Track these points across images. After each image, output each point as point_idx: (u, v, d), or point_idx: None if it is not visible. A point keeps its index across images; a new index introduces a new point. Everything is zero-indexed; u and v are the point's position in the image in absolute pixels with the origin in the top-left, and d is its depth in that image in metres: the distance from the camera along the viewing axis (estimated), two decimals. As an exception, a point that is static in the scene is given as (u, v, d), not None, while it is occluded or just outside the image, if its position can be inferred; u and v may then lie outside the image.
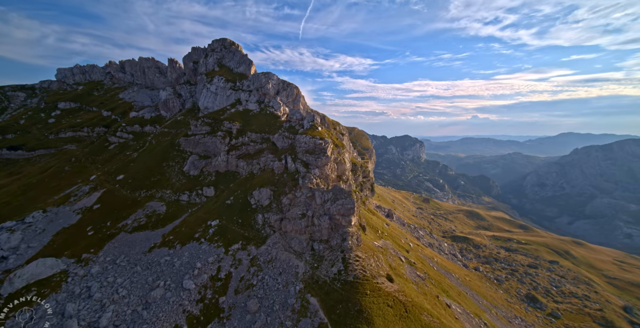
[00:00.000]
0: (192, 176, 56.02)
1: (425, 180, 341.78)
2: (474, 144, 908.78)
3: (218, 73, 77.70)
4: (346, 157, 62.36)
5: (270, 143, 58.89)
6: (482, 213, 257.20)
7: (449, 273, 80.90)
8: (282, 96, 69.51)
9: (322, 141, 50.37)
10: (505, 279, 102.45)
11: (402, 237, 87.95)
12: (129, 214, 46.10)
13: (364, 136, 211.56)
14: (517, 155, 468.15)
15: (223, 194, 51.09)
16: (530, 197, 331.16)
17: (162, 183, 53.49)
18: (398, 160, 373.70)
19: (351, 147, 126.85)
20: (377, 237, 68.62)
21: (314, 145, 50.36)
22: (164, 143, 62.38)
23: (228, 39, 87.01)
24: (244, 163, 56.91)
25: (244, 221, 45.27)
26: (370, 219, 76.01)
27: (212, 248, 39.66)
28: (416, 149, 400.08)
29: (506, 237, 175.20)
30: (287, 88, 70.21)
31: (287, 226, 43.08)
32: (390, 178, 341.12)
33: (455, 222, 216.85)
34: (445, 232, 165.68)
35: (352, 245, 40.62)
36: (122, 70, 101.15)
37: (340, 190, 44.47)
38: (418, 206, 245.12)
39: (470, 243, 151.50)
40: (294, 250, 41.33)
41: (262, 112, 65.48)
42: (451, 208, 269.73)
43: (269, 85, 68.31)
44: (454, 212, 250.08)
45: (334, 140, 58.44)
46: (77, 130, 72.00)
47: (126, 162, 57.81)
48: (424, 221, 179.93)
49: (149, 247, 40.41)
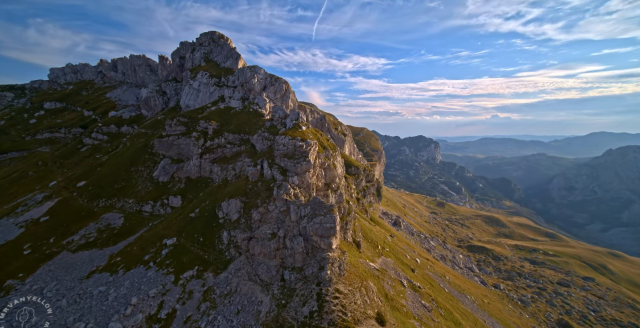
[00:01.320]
0: (161, 183, 49.29)
1: (440, 182, 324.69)
2: (493, 144, 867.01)
3: (203, 68, 71.06)
4: (339, 161, 53.47)
5: (250, 145, 51.12)
6: (503, 218, 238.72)
7: (463, 296, 69.82)
8: (270, 92, 61.59)
9: (303, 143, 41.82)
10: (532, 300, 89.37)
11: (409, 251, 77.62)
12: (78, 228, 39.81)
13: (373, 137, 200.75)
14: (542, 157, 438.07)
15: (190, 205, 43.71)
16: (557, 201, 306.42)
17: (126, 191, 47.06)
18: (411, 161, 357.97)
19: (354, 148, 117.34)
20: (377, 253, 59.08)
21: (293, 147, 41.93)
22: (138, 145, 56.25)
23: (217, 32, 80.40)
24: (219, 168, 49.33)
25: (207, 239, 37.49)
26: (369, 231, 66.51)
27: (159, 276, 32.15)
28: (431, 150, 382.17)
29: (531, 247, 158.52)
30: (275, 83, 62.23)
31: (255, 248, 34.97)
32: (403, 180, 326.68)
33: (473, 228, 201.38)
34: (461, 241, 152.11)
35: (332, 276, 31.80)
36: (114, 68, 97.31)
37: (319, 204, 35.75)
38: (432, 210, 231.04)
39: (489, 255, 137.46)
40: (260, 279, 33.13)
41: (245, 109, 57.98)
42: (468, 213, 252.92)
43: (254, 80, 60.61)
44: (471, 217, 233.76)
45: (323, 142, 49.71)
46: (54, 131, 67.70)
47: (93, 167, 52.06)
48: (437, 228, 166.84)
49: (89, 272, 33.60)
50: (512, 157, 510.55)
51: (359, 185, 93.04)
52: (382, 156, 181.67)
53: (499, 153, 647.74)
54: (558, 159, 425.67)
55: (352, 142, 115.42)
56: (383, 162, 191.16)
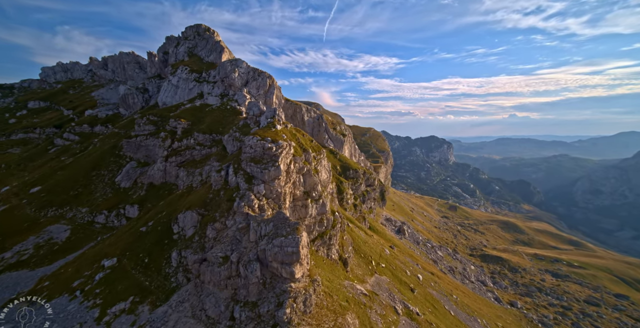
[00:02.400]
0: (122, 189, 43.81)
1: (453, 184, 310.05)
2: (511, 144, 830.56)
3: (186, 63, 65.56)
4: (324, 166, 46.23)
5: (221, 147, 44.74)
6: (521, 224, 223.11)
7: (473, 319, 60.75)
8: (252, 87, 55.13)
9: (273, 145, 34.87)
10: (554, 322, 78.66)
11: (410, 264, 69.11)
12: (15, 243, 34.69)
13: (380, 137, 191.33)
14: (564, 158, 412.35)
15: (146, 216, 37.69)
16: (581, 205, 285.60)
17: (82, 199, 41.87)
18: (423, 162, 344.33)
19: (356, 149, 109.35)
20: (369, 271, 51.28)
21: (262, 150, 35.04)
22: (106, 146, 51.19)
23: (203, 25, 74.81)
24: (185, 173, 43.14)
25: (153, 261, 31.19)
26: (363, 244, 58.71)
27: (81, 310, 26.07)
28: (443, 151, 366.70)
29: (552, 257, 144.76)
30: (258, 78, 55.72)
31: (206, 274, 28.39)
32: (414, 181, 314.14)
33: (487, 234, 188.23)
34: (474, 249, 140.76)
35: (293, 315, 24.65)
36: (105, 67, 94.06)
37: (283, 220, 28.64)
38: (443, 214, 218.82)
39: (504, 265, 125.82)
40: (206, 315, 26.51)
41: (222, 107, 51.78)
42: (482, 217, 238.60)
43: (234, 74, 54.30)
44: (485, 222, 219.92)
45: (304, 143, 42.60)
46: (29, 132, 64.17)
47: (53, 170, 47.35)
48: (447, 234, 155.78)
49: (6, 300, 28.09)
50: (532, 158, 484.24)
51: (358, 190, 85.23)
52: (389, 157, 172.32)
53: (516, 154, 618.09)
54: (582, 160, 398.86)
55: (353, 143, 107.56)
56: (390, 163, 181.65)
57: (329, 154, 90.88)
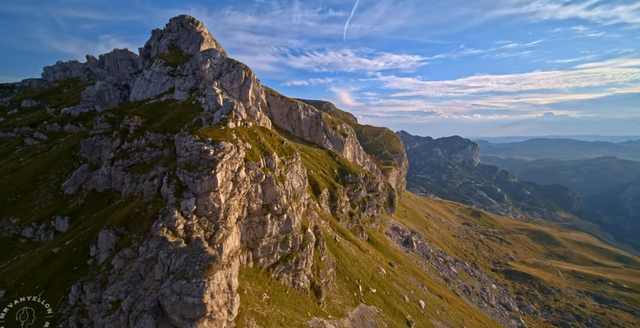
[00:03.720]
0: (65, 196, 38.54)
1: (477, 188, 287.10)
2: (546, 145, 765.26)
3: (163, 56, 60.11)
4: (295, 172, 37.86)
5: (173, 148, 37.92)
6: (556, 234, 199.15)
7: (489, 363, 49.31)
8: (225, 80, 48.04)
9: (211, 147, 27.09)
10: (597, 365, 64.23)
11: (413, 286, 58.48)
12: None
13: (394, 137, 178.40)
14: (610, 160, 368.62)
15: (70, 232, 31.62)
16: (631, 214, 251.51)
17: (17, 207, 37.07)
18: (444, 164, 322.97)
19: (360, 151, 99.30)
20: (353, 300, 42.01)
21: (198, 154, 27.37)
22: (66, 147, 46.68)
23: (187, 16, 69.26)
24: (129, 179, 36.74)
25: (49, 296, 24.61)
26: (352, 263, 49.38)
27: None
28: (467, 152, 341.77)
29: (595, 276, 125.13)
30: (232, 69, 48.52)
31: (98, 321, 21.33)
32: (434, 184, 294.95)
33: (515, 245, 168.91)
34: (497, 263, 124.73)
35: None
36: (101, 65, 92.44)
37: (196, 252, 20.65)
38: (464, 221, 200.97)
39: (534, 284, 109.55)
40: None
41: (188, 102, 45.10)
42: (510, 225, 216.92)
43: (206, 65, 47.51)
44: (513, 230, 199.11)
45: (266, 146, 34.47)
46: (7, 131, 62.15)
47: (3, 173, 43.40)
48: (467, 244, 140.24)
49: None
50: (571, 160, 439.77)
51: (357, 197, 75.65)
52: (403, 159, 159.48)
53: (552, 155, 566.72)
54: (633, 163, 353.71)
55: (357, 144, 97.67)
56: (405, 165, 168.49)
57: (327, 156, 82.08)
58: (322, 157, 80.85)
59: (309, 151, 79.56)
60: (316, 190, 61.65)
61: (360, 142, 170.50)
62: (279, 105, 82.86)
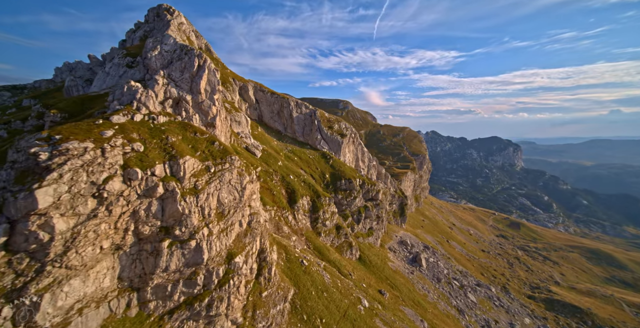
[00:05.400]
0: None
1: (519, 195, 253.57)
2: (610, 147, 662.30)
3: (129, 48, 55.61)
4: (226, 182, 29.24)
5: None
6: (621, 255, 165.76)
7: None
8: (174, 69, 40.92)
9: (45, 150, 19.44)
10: None
11: (404, 324, 46.23)
12: None
13: (416, 138, 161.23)
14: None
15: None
16: None
17: None
18: (480, 167, 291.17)
19: (364, 153, 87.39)
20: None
21: (33, 160, 19.84)
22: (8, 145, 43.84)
23: (164, 5, 64.32)
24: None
25: None
26: (320, 295, 39.10)
27: None
28: (508, 154, 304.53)
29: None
30: (183, 57, 41.20)
31: None
32: (467, 189, 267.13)
33: (563, 265, 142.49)
34: (537, 288, 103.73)
35: None
36: (103, 64, 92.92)
37: None
38: (500, 232, 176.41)
39: (585, 320, 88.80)
40: None
41: (127, 96, 39.20)
42: (559, 240, 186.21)
43: (153, 52, 40.82)
44: (562, 247, 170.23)
45: (175, 147, 26.28)
46: (-7, 131, 63.03)
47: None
48: (498, 262, 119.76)
49: None
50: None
51: (350, 206, 64.76)
52: (424, 162, 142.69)
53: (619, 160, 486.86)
54: None
55: (360, 145, 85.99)
56: (428, 169, 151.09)
57: (320, 159, 72.15)
58: (314, 159, 71.20)
59: (299, 153, 70.45)
60: (292, 199, 52.31)
61: (377, 143, 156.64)
62: (268, 102, 74.98)
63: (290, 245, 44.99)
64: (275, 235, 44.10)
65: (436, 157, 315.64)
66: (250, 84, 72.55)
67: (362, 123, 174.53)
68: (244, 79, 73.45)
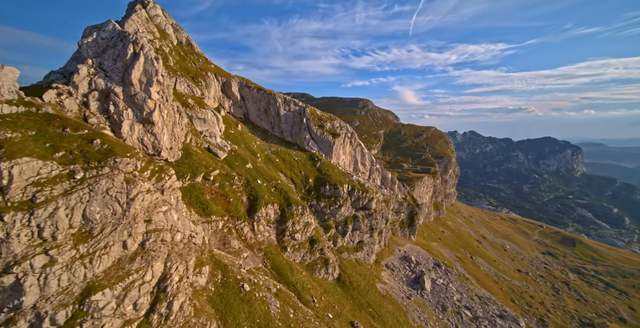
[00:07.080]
0: None
1: (578, 205, 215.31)
2: None
3: (105, 46, 54.32)
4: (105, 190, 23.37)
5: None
6: None
7: None
8: (106, 58, 36.81)
9: None
10: None
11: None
12: None
13: (441, 139, 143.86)
14: None
15: None
16: None
17: None
18: (527, 171, 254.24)
19: (364, 155, 77.23)
20: None
21: None
22: None
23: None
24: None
25: None
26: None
27: None
28: (566, 157, 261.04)
29: None
30: (118, 44, 37.04)
31: None
32: (510, 196, 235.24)
33: (633, 297, 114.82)
34: (590, 325, 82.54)
35: None
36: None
37: None
38: (547, 249, 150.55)
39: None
40: None
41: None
42: (630, 262, 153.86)
43: (87, 40, 37.28)
44: (634, 273, 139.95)
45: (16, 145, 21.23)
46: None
47: None
48: (539, 286, 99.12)
49: None
50: None
51: (335, 215, 56.15)
52: (450, 165, 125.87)
53: None
54: None
55: (359, 146, 76.08)
56: (454, 173, 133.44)
57: (307, 161, 64.56)
58: (300, 162, 63.87)
59: (283, 154, 63.77)
60: (253, 207, 45.65)
61: (397, 144, 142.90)
62: (255, 99, 69.58)
63: (236, 264, 38.29)
64: (217, 252, 37.88)
65: (475, 160, 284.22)
66: (235, 79, 67.85)
67: (382, 122, 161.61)
68: (229, 75, 69.04)
